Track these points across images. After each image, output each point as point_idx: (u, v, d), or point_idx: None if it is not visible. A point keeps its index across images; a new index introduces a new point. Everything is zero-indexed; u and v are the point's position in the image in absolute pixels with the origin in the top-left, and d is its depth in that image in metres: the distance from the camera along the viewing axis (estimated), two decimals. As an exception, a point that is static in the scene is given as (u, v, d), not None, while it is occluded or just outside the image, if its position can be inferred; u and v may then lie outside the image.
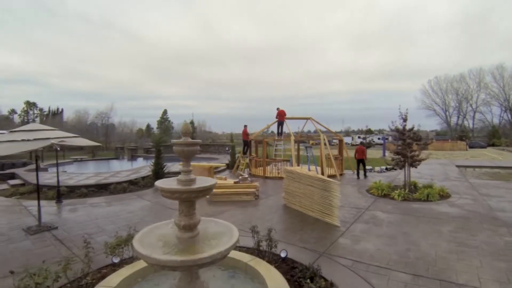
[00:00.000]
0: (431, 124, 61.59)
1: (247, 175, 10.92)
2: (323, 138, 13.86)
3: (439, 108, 59.61)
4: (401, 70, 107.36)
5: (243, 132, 15.89)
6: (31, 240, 5.48)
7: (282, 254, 4.29)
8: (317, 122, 15.60)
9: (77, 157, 22.46)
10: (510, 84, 51.42)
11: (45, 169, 15.06)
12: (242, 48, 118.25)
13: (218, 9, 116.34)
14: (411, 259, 4.47)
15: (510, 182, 12.05)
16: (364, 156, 13.20)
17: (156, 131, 55.75)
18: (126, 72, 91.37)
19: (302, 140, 18.09)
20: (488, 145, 43.41)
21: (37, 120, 49.23)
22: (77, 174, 12.87)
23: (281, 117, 14.76)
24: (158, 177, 10.67)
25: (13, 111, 50.06)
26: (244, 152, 15.46)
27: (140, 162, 21.78)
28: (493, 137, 47.56)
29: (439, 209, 7.49)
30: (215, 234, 2.97)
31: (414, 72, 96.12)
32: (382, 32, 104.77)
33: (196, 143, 2.89)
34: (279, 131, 15.06)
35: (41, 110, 52.07)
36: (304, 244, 5.09)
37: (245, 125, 16.03)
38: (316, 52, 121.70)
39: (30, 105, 51.09)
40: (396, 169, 15.17)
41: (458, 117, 59.18)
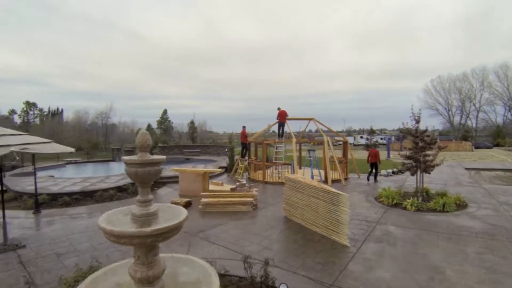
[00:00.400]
0: (434, 124, 60.28)
1: (245, 181, 10.16)
2: (327, 140, 13.03)
3: (442, 108, 58.47)
4: (403, 69, 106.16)
5: (241, 134, 15.05)
6: (-10, 263, 4.71)
7: (281, 290, 3.49)
8: (319, 122, 14.78)
9: (71, 159, 21.72)
10: (514, 83, 50.24)
11: (32, 173, 14.28)
12: (243, 47, 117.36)
13: (219, 9, 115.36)
14: (438, 293, 3.67)
15: (528, 188, 11.18)
16: (378, 160, 12.47)
17: (157, 131, 54.92)
18: (127, 72, 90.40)
19: (304, 141, 17.29)
20: (493, 145, 42.33)
21: (37, 120, 48.76)
22: (63, 179, 12.07)
23: (282, 118, 13.93)
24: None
25: (13, 111, 49.47)
26: (243, 155, 14.61)
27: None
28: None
29: (458, 222, 6.67)
30: (187, 285, 2.18)
31: (416, 71, 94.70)
32: (384, 31, 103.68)
33: (158, 161, 2.08)
34: (280, 132, 14.23)
35: (41, 110, 51.45)
36: (307, 272, 4.28)
37: (243, 126, 15.16)
38: (318, 51, 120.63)
39: (30, 105, 50.48)
40: (403, 172, 14.42)
41: (461, 116, 57.99)
